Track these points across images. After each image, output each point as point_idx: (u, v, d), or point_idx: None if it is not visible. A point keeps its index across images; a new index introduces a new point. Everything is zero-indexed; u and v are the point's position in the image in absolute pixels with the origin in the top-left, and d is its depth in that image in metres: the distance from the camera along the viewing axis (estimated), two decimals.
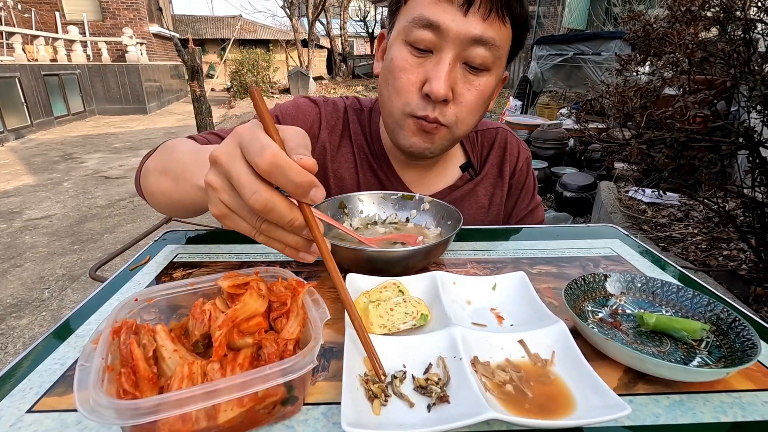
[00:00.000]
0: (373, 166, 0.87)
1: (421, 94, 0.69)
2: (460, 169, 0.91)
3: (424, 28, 0.65)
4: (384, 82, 0.74)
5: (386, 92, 0.73)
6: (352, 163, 0.88)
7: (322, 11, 16.69)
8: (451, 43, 0.65)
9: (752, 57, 1.52)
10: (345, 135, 0.88)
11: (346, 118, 0.89)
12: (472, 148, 0.92)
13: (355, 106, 0.91)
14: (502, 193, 0.92)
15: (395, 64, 0.69)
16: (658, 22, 1.72)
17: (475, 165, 0.91)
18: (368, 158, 0.87)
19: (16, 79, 7.25)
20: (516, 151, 0.93)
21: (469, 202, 0.89)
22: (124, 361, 0.36)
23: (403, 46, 0.69)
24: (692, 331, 0.49)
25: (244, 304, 0.40)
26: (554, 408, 0.39)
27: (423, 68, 0.68)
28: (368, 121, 0.89)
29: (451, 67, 0.66)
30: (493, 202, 0.91)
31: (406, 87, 0.69)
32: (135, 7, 11.57)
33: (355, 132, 0.88)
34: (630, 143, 1.71)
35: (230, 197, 0.38)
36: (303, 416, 0.39)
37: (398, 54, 0.69)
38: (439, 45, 0.66)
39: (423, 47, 0.67)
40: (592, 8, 9.22)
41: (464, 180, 0.90)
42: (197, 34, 19.83)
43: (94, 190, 4.77)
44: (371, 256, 0.59)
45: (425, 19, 0.64)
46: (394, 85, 0.71)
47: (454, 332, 0.45)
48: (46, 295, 2.72)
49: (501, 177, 0.92)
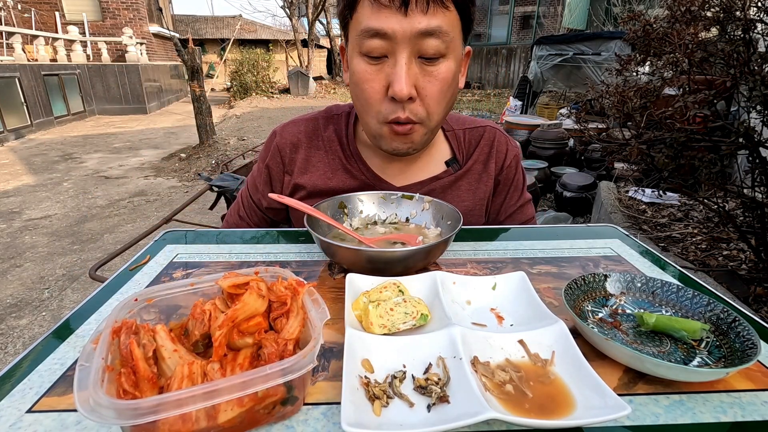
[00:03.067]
0: (347, 167, 0.88)
1: (387, 98, 0.71)
2: (445, 164, 0.91)
3: (373, 38, 0.67)
4: (355, 96, 0.77)
5: (358, 104, 0.76)
6: (325, 169, 0.89)
7: (322, 11, 16.67)
8: (401, 44, 0.67)
9: (752, 57, 1.51)
10: (314, 146, 0.90)
11: (317, 129, 0.92)
12: (458, 145, 0.92)
13: (331, 112, 0.94)
14: (486, 188, 0.92)
15: (358, 77, 0.72)
16: (658, 22, 1.72)
17: (461, 161, 0.92)
18: (342, 161, 0.89)
19: (16, 79, 7.25)
20: (504, 148, 0.94)
21: (450, 193, 0.90)
22: (124, 361, 0.36)
23: (359, 58, 0.71)
24: (692, 331, 0.49)
25: (244, 304, 0.40)
26: (554, 408, 0.39)
27: (383, 73, 0.70)
28: (345, 124, 0.91)
29: (408, 66, 0.68)
30: (475, 195, 0.91)
31: (372, 96, 0.72)
32: (135, 7, 11.57)
33: (328, 139, 0.90)
34: (630, 143, 1.71)
35: None
36: (303, 416, 0.39)
37: (357, 67, 0.72)
38: (391, 48, 0.68)
39: (377, 54, 0.69)
40: (592, 8, 9.23)
41: (447, 173, 0.91)
42: (197, 34, 19.83)
43: (94, 190, 4.77)
44: (371, 256, 0.59)
45: (371, 29, 0.67)
46: (362, 97, 0.74)
47: (454, 332, 0.45)
48: (46, 295, 2.72)
49: (486, 172, 0.92)
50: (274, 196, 0.71)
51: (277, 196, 0.70)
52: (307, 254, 0.71)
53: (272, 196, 0.71)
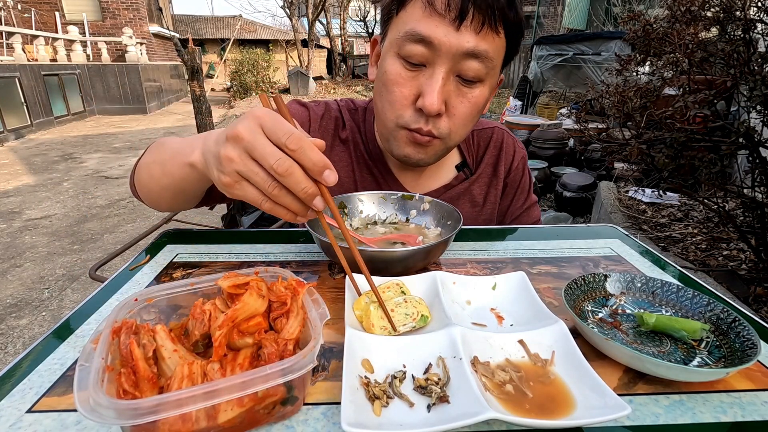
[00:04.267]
0: (369, 165, 0.87)
1: (414, 107, 0.69)
2: (455, 169, 0.91)
3: (417, 43, 0.64)
4: (378, 93, 0.74)
5: (380, 103, 0.73)
6: (347, 162, 0.87)
7: (322, 11, 16.69)
8: (444, 58, 0.64)
9: (752, 57, 1.51)
10: (338, 135, 0.88)
11: (341, 118, 0.89)
12: (467, 148, 0.92)
13: (349, 106, 0.91)
14: (497, 191, 0.92)
15: (388, 78, 0.69)
16: (658, 22, 1.72)
17: (471, 164, 0.92)
18: (365, 157, 0.87)
19: (16, 79, 7.25)
20: (512, 151, 0.94)
21: (464, 200, 0.90)
22: (124, 361, 0.36)
23: (395, 59, 0.68)
24: (692, 331, 0.49)
25: (244, 304, 0.40)
26: (554, 408, 0.39)
27: (416, 82, 0.67)
28: (362, 121, 0.89)
29: (444, 81, 0.66)
30: (487, 200, 0.92)
31: (399, 100, 0.69)
32: (135, 7, 11.57)
33: (351, 131, 0.88)
34: (630, 143, 1.71)
35: (247, 167, 0.44)
36: (303, 416, 0.39)
37: (391, 68, 0.68)
38: (432, 59, 0.65)
39: (416, 61, 0.66)
40: (592, 8, 9.23)
41: (459, 179, 0.90)
42: (197, 34, 19.83)
43: (94, 190, 4.77)
44: (371, 256, 0.59)
45: (417, 33, 0.63)
46: (387, 98, 0.71)
47: (454, 332, 0.45)
48: (46, 295, 2.72)
49: (496, 176, 0.92)
50: None
51: None
52: (307, 254, 0.71)
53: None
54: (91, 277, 1.40)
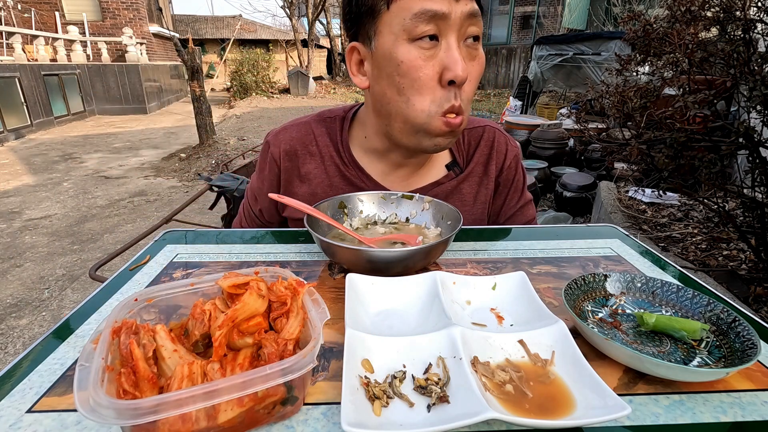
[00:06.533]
0: (345, 175, 0.87)
1: (442, 84, 0.69)
2: (446, 168, 0.90)
3: (429, 21, 0.66)
4: (396, 91, 0.71)
5: (401, 99, 0.71)
6: (323, 177, 0.87)
7: (322, 11, 16.68)
8: (453, 26, 0.67)
9: (752, 57, 1.51)
10: (308, 153, 0.88)
11: (310, 135, 0.89)
12: (458, 147, 0.91)
13: (324, 116, 0.91)
14: (488, 190, 0.91)
15: (409, 66, 0.68)
16: (658, 22, 1.72)
17: (461, 163, 0.91)
18: (338, 167, 0.87)
19: (15, 79, 7.25)
20: (504, 149, 0.92)
21: (453, 198, 0.89)
22: (124, 361, 0.36)
23: (409, 45, 0.68)
24: (692, 331, 0.49)
25: (244, 304, 0.40)
26: (554, 408, 0.39)
27: (435, 59, 0.69)
28: (339, 129, 0.88)
29: (459, 48, 0.69)
30: (477, 199, 0.91)
31: (426, 83, 0.69)
32: (135, 7, 11.57)
33: (323, 145, 0.88)
34: (630, 143, 1.71)
35: None
36: (303, 416, 0.39)
37: (408, 55, 0.68)
38: (443, 31, 0.68)
39: (431, 34, 0.68)
40: (592, 8, 9.23)
41: (449, 177, 0.90)
42: (197, 34, 19.83)
43: (94, 190, 4.77)
44: (371, 256, 0.59)
45: (429, 11, 0.65)
46: (413, 87, 0.69)
47: (453, 332, 0.45)
48: (46, 295, 2.72)
49: (487, 175, 0.91)
50: (273, 196, 0.71)
51: (276, 196, 0.70)
52: (307, 254, 0.71)
53: (272, 196, 0.71)
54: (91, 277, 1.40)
